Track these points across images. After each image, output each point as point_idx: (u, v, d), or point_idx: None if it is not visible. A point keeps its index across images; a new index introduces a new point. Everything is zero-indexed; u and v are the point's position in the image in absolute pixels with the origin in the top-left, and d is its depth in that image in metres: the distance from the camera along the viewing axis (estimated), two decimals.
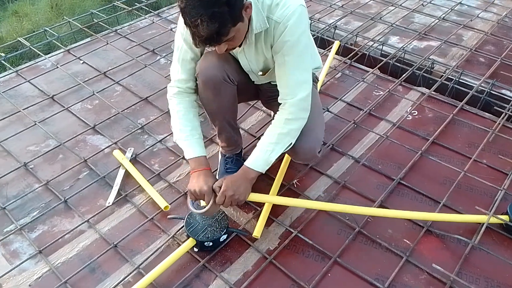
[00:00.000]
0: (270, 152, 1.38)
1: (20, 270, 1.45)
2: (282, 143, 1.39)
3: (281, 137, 1.38)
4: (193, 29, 1.13)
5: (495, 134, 1.96)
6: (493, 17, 2.97)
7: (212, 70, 1.42)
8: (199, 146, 1.44)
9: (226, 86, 1.46)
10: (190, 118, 1.45)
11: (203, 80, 1.44)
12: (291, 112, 1.37)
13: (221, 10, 1.10)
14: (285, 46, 1.29)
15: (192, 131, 1.44)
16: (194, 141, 1.43)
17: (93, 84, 2.31)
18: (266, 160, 1.39)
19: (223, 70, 1.43)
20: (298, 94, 1.35)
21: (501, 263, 1.45)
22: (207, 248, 1.47)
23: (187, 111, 1.45)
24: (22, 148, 1.92)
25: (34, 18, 3.72)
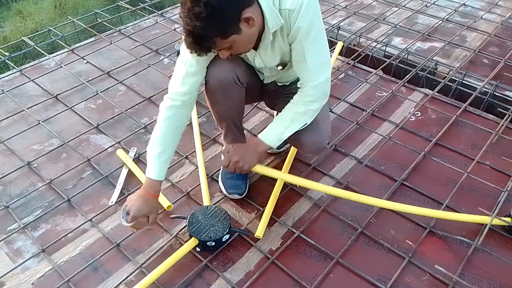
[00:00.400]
0: (285, 128, 1.41)
1: (23, 268, 1.45)
2: (298, 122, 1.41)
3: (298, 116, 1.40)
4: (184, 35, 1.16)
5: (498, 136, 1.95)
6: (497, 19, 2.96)
7: (223, 73, 1.41)
8: (160, 170, 1.42)
9: (235, 88, 1.45)
10: (167, 141, 1.41)
11: (213, 83, 1.43)
12: (311, 95, 1.38)
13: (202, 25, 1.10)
14: (301, 32, 1.26)
15: (161, 154, 1.40)
16: (157, 164, 1.41)
17: (96, 83, 2.32)
18: (280, 136, 1.42)
19: (234, 73, 1.42)
20: (319, 77, 1.35)
21: (504, 264, 1.45)
22: (209, 248, 1.47)
23: (168, 132, 1.41)
24: (25, 147, 1.93)
25: (38, 17, 3.73)
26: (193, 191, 1.71)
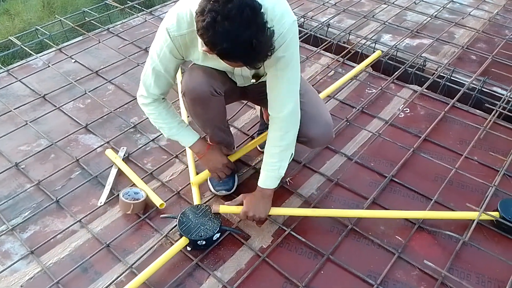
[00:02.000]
0: (278, 169, 1.46)
1: (11, 270, 1.44)
2: (285, 158, 1.46)
3: (282, 154, 1.45)
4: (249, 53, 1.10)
5: (486, 131, 1.97)
6: (485, 15, 2.99)
7: (200, 87, 1.39)
8: (192, 133, 1.54)
9: (214, 99, 1.43)
10: (174, 114, 1.51)
11: (192, 98, 1.42)
12: (283, 127, 1.41)
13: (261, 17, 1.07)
14: (280, 62, 1.28)
15: (181, 123, 1.52)
16: (186, 130, 1.53)
17: (85, 83, 2.30)
18: (277, 177, 1.48)
19: (210, 85, 1.40)
20: (287, 107, 1.37)
21: (492, 258, 1.47)
22: (200, 247, 1.47)
23: (168, 111, 1.49)
24: (13, 148, 1.91)
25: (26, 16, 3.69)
26: (184, 190, 1.71)
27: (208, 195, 1.69)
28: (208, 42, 1.07)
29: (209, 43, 1.07)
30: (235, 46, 1.05)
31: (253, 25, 1.04)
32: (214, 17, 1.02)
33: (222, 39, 1.04)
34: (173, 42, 1.28)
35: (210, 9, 1.02)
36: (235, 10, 1.02)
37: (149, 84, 1.41)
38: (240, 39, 1.04)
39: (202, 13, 1.04)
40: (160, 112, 1.48)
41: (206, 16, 1.03)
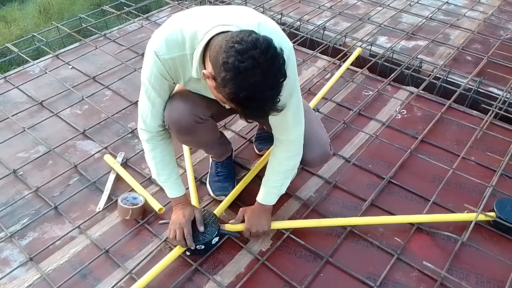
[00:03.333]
0: (280, 186, 1.45)
1: (10, 278, 1.43)
2: (289, 177, 1.46)
3: (287, 173, 1.44)
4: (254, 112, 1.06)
5: (483, 132, 1.98)
6: (480, 16, 3.01)
7: (183, 117, 1.34)
8: (178, 187, 1.47)
9: (200, 126, 1.40)
10: (167, 163, 1.43)
11: (177, 130, 1.38)
12: (292, 150, 1.39)
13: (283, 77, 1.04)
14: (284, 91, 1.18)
15: (171, 174, 1.44)
16: (172, 183, 1.46)
17: (82, 89, 2.30)
18: (278, 194, 1.48)
19: (193, 114, 1.36)
20: (295, 130, 1.35)
21: (491, 258, 1.47)
22: (199, 252, 1.47)
23: (163, 157, 1.42)
24: (11, 154, 1.91)
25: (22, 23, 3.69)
26: None
27: (206, 200, 1.69)
28: (231, 83, 0.98)
29: (230, 83, 0.98)
30: (252, 99, 1.00)
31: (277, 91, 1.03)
32: (254, 66, 0.96)
33: (247, 90, 0.98)
34: (163, 64, 1.20)
35: (255, 57, 0.96)
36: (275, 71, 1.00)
37: (146, 115, 1.34)
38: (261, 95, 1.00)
39: (242, 53, 0.96)
40: (154, 156, 1.41)
41: (247, 59, 0.96)
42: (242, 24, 1.08)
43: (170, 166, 1.44)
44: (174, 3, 3.19)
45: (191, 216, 1.45)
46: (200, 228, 1.45)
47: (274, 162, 1.43)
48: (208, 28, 1.09)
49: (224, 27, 1.07)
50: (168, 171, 1.43)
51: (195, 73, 1.17)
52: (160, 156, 1.41)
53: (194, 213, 1.47)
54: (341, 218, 1.61)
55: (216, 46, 1.04)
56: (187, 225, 1.43)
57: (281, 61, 1.01)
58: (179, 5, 3.15)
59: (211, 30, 1.08)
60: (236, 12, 1.18)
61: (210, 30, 1.08)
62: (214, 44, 1.05)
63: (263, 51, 0.97)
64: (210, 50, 1.07)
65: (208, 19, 1.12)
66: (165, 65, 1.20)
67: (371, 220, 1.60)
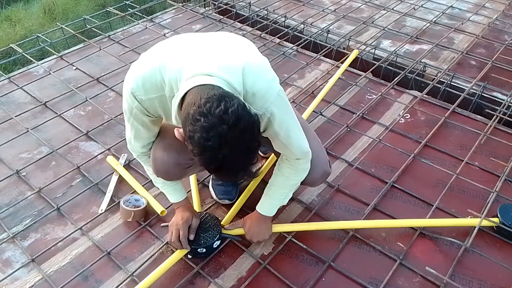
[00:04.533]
0: (283, 199, 1.45)
1: (12, 279, 1.43)
2: (293, 190, 1.46)
3: (293, 187, 1.44)
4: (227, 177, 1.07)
5: (486, 137, 1.97)
6: (484, 20, 3.00)
7: (169, 169, 1.33)
8: (176, 192, 1.48)
9: (190, 168, 1.37)
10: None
11: (167, 179, 1.40)
12: (299, 164, 1.34)
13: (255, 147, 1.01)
14: (280, 134, 1.20)
15: (166, 182, 1.44)
16: (170, 189, 1.47)
17: (86, 90, 2.30)
18: (279, 205, 1.47)
19: (179, 164, 1.33)
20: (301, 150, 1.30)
21: (494, 265, 1.46)
22: (200, 255, 1.47)
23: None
24: (14, 155, 1.91)
25: (27, 23, 3.71)
26: None
27: (209, 203, 1.68)
28: (198, 157, 0.97)
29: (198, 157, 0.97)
30: (225, 172, 1.00)
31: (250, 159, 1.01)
32: (220, 144, 0.93)
33: (216, 163, 0.96)
34: (141, 104, 1.15)
35: (221, 134, 0.92)
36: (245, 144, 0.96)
37: (130, 138, 1.32)
38: (232, 167, 0.99)
39: (208, 130, 0.92)
40: (147, 168, 1.43)
41: (213, 138, 0.92)
42: (224, 72, 1.02)
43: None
44: (178, 5, 3.19)
45: (189, 219, 1.45)
46: (190, 236, 1.44)
47: (280, 176, 1.39)
48: (188, 76, 1.02)
49: (204, 78, 1.00)
50: (163, 180, 1.42)
51: (175, 121, 1.09)
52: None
53: (192, 218, 1.46)
54: (344, 221, 1.61)
55: (187, 105, 0.97)
56: (183, 228, 1.43)
57: (254, 131, 0.97)
58: (183, 7, 3.16)
59: (190, 80, 1.01)
60: (222, 49, 1.12)
61: (189, 80, 1.01)
62: (187, 101, 0.99)
63: (231, 126, 0.92)
64: (183, 105, 1.00)
65: (189, 61, 1.05)
66: (143, 104, 1.15)
67: (374, 224, 1.59)
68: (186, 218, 1.45)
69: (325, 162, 1.50)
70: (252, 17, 3.02)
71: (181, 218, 1.44)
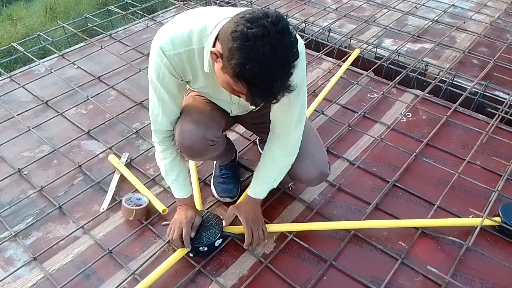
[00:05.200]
0: (273, 181, 1.45)
1: (14, 277, 1.44)
2: (282, 174, 1.45)
3: (282, 169, 1.43)
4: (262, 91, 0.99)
5: (488, 136, 1.97)
6: (486, 19, 2.99)
7: (195, 143, 1.33)
8: (185, 188, 1.47)
9: (212, 147, 1.40)
10: (176, 164, 1.42)
11: (188, 155, 1.40)
12: (292, 146, 1.38)
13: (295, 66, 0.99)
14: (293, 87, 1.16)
15: (179, 175, 1.44)
16: (179, 184, 1.46)
17: (87, 89, 2.30)
18: (270, 188, 1.48)
19: (206, 139, 1.34)
20: (297, 130, 1.34)
21: (496, 264, 1.46)
22: (202, 253, 1.47)
23: (173, 159, 1.41)
24: (16, 154, 1.91)
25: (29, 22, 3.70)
26: None
27: (210, 201, 1.69)
28: (238, 52, 0.94)
29: (237, 52, 0.94)
30: (259, 73, 0.94)
31: (287, 69, 0.98)
32: (263, 34, 0.92)
33: (255, 57, 0.92)
34: (170, 60, 1.17)
35: (265, 25, 0.92)
36: (287, 44, 0.94)
37: (157, 114, 1.31)
38: (269, 71, 0.94)
39: (252, 21, 0.93)
40: (165, 157, 1.40)
41: (256, 27, 0.92)
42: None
43: (179, 167, 1.43)
44: (180, 4, 3.19)
45: (193, 218, 1.46)
46: (191, 234, 1.44)
47: (269, 157, 1.40)
48: (218, 21, 1.07)
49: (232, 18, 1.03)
50: (177, 172, 1.43)
51: (207, 67, 1.13)
52: (171, 158, 1.41)
53: (195, 216, 1.47)
54: (345, 221, 1.61)
55: (225, 26, 1.01)
56: (187, 226, 1.43)
57: (292, 38, 0.96)
58: (184, 6, 3.15)
59: (221, 22, 1.06)
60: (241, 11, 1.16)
61: (220, 22, 1.06)
62: (224, 28, 1.02)
63: (274, 21, 0.93)
64: (220, 35, 1.03)
65: (216, 14, 1.10)
66: (172, 61, 1.17)
67: (375, 224, 1.59)
68: (190, 217, 1.45)
69: (324, 163, 1.49)
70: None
71: (185, 217, 1.45)
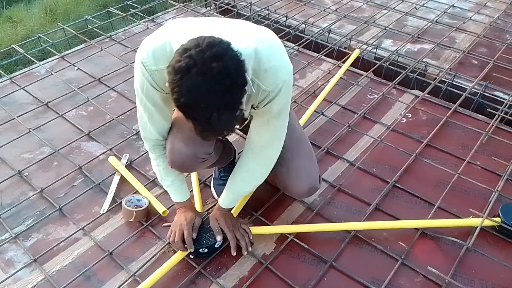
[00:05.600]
0: (244, 193, 1.51)
1: (15, 279, 1.44)
2: (256, 185, 1.46)
3: (255, 184, 1.45)
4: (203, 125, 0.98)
5: (488, 136, 1.97)
6: (486, 19, 2.99)
7: (186, 161, 1.34)
8: (181, 192, 1.49)
9: (204, 162, 1.41)
10: (170, 171, 1.42)
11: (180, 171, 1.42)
12: (267, 162, 1.38)
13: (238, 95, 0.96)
14: (272, 113, 1.22)
15: (174, 181, 1.45)
16: (175, 189, 1.47)
17: (87, 90, 2.31)
18: (238, 199, 1.52)
19: (196, 157, 1.35)
20: (274, 147, 1.34)
21: (496, 264, 1.46)
22: (202, 255, 1.47)
23: (166, 166, 1.41)
24: (16, 155, 1.91)
25: (29, 24, 3.72)
26: None
27: (210, 203, 1.69)
28: (170, 84, 0.95)
29: (170, 85, 0.95)
30: (193, 106, 0.94)
31: (223, 99, 0.94)
32: (189, 65, 0.90)
33: (185, 90, 0.92)
34: (151, 76, 1.15)
35: (192, 55, 0.91)
36: (216, 72, 0.90)
37: (145, 123, 1.32)
38: (202, 102, 0.92)
39: (181, 54, 0.93)
40: (158, 164, 1.42)
41: (184, 59, 0.91)
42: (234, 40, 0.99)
43: (174, 173, 1.44)
44: (180, 5, 3.19)
45: (193, 219, 1.46)
46: (193, 235, 1.44)
47: (244, 170, 1.40)
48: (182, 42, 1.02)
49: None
50: (172, 178, 1.44)
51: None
52: (163, 165, 1.41)
53: (195, 217, 1.47)
54: (345, 222, 1.61)
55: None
56: (187, 227, 1.43)
57: (228, 62, 0.91)
58: (184, 7, 3.16)
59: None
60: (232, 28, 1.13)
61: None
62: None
63: (205, 49, 0.90)
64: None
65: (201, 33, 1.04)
66: (153, 76, 1.15)
67: (375, 225, 1.59)
68: (190, 218, 1.45)
69: (315, 177, 1.50)
70: (253, 17, 3.02)
71: (185, 218, 1.45)
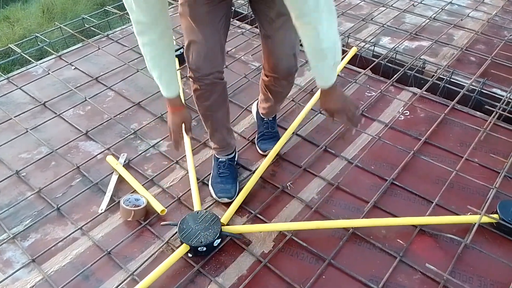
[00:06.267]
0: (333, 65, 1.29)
1: (13, 279, 1.44)
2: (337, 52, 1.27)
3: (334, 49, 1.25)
4: None
5: (486, 133, 1.97)
6: (484, 16, 2.99)
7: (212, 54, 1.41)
8: (168, 89, 1.44)
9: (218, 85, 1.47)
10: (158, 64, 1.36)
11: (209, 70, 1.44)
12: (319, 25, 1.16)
13: None
14: None
15: (161, 76, 1.39)
16: (164, 84, 1.42)
17: (85, 89, 2.30)
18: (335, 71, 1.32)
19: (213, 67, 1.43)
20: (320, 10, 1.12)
21: (494, 261, 1.46)
22: (201, 253, 1.47)
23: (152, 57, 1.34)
24: (14, 155, 1.91)
25: (26, 23, 3.70)
26: (184, 196, 1.71)
27: (209, 201, 1.69)
28: None
29: None
30: None
31: None
32: None
33: None
34: None
35: None
36: None
37: (131, 6, 1.19)
38: None
39: None
40: (144, 53, 1.34)
41: None
42: None
43: (162, 68, 1.38)
44: (177, 4, 3.18)
45: (187, 116, 1.51)
46: (188, 133, 1.52)
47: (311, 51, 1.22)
48: None
49: None
50: (159, 72, 1.38)
51: None
52: (150, 54, 1.34)
53: (188, 116, 1.52)
54: (344, 220, 1.61)
55: None
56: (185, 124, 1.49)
57: None
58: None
59: None
60: None
61: None
62: None
63: None
64: None
65: None
66: None
67: (374, 222, 1.59)
68: (183, 116, 1.50)
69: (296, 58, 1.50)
70: (251, 15, 3.01)
71: (178, 117, 1.48)
